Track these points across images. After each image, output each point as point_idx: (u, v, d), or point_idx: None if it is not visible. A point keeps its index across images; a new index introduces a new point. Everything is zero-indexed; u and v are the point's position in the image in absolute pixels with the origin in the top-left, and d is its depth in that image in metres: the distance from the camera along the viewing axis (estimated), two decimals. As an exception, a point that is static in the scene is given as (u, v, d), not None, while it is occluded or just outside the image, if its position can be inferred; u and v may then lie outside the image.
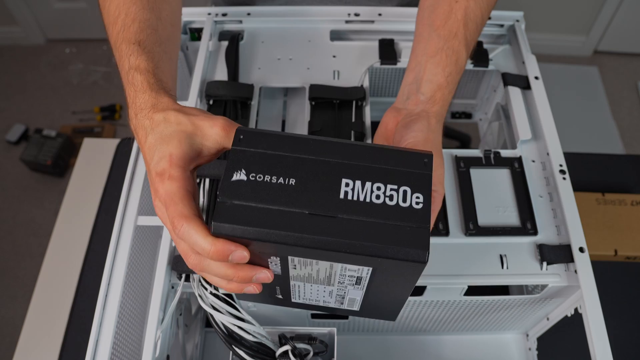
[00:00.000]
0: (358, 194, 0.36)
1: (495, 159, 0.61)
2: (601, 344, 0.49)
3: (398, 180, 0.36)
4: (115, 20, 0.49)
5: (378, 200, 0.36)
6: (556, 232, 0.56)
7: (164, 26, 0.51)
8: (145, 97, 0.43)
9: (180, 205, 0.38)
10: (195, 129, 0.40)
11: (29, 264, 1.71)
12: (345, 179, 0.36)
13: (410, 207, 0.36)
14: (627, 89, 2.13)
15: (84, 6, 2.17)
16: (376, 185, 0.36)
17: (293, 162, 0.36)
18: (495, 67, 0.70)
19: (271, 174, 0.36)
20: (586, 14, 2.08)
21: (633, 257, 0.90)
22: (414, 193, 0.36)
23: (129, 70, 0.45)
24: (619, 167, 1.00)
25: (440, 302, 0.59)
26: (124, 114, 2.09)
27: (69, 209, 0.96)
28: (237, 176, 0.36)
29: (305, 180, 0.36)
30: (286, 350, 0.52)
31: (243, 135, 0.37)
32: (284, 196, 0.35)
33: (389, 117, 0.50)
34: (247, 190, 0.36)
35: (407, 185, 0.36)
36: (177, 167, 0.39)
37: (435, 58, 0.51)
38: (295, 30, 0.73)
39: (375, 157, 0.37)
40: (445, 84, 0.50)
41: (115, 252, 0.54)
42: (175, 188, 0.38)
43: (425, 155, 0.37)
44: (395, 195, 0.36)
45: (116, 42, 0.49)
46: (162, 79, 0.45)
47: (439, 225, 0.56)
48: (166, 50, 0.49)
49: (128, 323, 0.54)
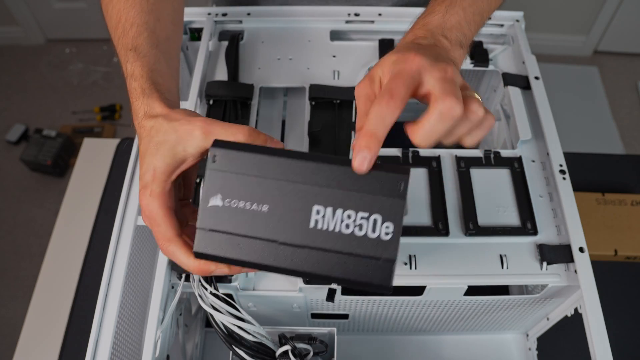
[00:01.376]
0: (328, 223, 0.37)
1: (495, 159, 0.61)
2: (601, 344, 0.49)
3: (370, 207, 0.37)
4: (117, 25, 0.51)
5: (347, 229, 0.37)
6: (556, 232, 0.56)
7: (163, 26, 0.51)
8: (138, 103, 0.45)
9: (162, 226, 0.41)
10: (177, 137, 0.41)
11: (29, 264, 1.71)
12: (317, 206, 0.37)
13: (378, 239, 0.37)
14: (627, 89, 2.13)
15: (84, 6, 2.17)
16: (347, 213, 0.37)
17: (266, 187, 0.38)
18: (495, 67, 0.70)
19: (245, 200, 0.38)
20: (586, 14, 2.08)
21: (633, 257, 0.90)
22: (384, 222, 0.37)
23: (127, 77, 0.47)
24: (619, 167, 1.00)
25: (440, 302, 0.59)
26: (124, 114, 2.09)
27: (69, 209, 0.96)
28: (213, 202, 0.39)
29: (278, 206, 0.38)
30: (286, 350, 0.52)
31: (217, 154, 0.38)
32: (257, 224, 0.38)
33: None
34: (223, 216, 0.38)
35: (379, 213, 0.36)
36: (159, 182, 0.41)
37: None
38: (295, 30, 0.73)
39: (350, 181, 0.36)
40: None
41: (115, 252, 0.54)
42: (156, 207, 0.41)
43: (401, 177, 0.36)
44: (365, 224, 0.37)
45: (117, 47, 0.50)
46: (157, 81, 0.46)
47: (439, 225, 0.56)
48: (164, 51, 0.50)
49: (128, 323, 0.54)
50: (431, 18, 0.47)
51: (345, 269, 0.37)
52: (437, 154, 0.61)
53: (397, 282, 0.53)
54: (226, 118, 0.63)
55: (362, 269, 0.37)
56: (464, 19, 0.48)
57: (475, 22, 0.49)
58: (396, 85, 0.37)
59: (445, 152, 0.62)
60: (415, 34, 0.46)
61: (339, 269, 0.37)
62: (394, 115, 0.37)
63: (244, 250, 0.39)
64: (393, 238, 0.36)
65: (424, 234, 0.55)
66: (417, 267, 0.53)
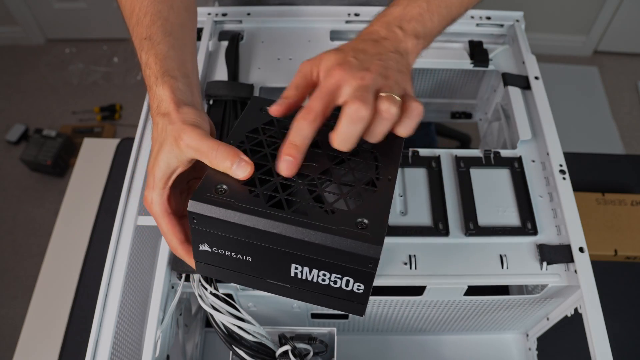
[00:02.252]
0: (306, 276, 0.41)
1: (495, 159, 0.61)
2: (601, 344, 0.49)
3: (342, 272, 0.39)
4: (131, 15, 0.52)
5: (324, 282, 0.41)
6: (556, 232, 0.56)
7: (176, 14, 0.53)
8: (151, 94, 0.47)
9: (167, 235, 0.45)
10: (170, 144, 0.43)
11: (29, 264, 1.71)
12: (294, 264, 0.40)
13: (351, 291, 0.40)
14: (627, 89, 2.13)
15: (84, 6, 2.17)
16: (322, 272, 0.40)
17: (246, 246, 0.40)
18: (495, 67, 0.70)
19: (230, 251, 0.41)
20: (586, 14, 2.08)
21: (633, 257, 0.90)
22: (356, 283, 0.40)
23: (142, 66, 0.49)
24: (619, 167, 1.00)
25: (440, 302, 0.59)
26: (124, 114, 2.09)
27: (69, 209, 0.96)
28: (202, 247, 0.42)
29: (260, 259, 0.41)
30: (286, 350, 0.52)
31: (195, 217, 0.40)
32: (244, 267, 0.42)
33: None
34: (214, 258, 0.42)
35: (351, 277, 0.40)
36: (157, 189, 0.44)
37: None
38: (295, 30, 0.73)
39: (324, 253, 0.38)
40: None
41: (115, 252, 0.54)
42: (157, 211, 0.45)
43: (371, 259, 0.38)
44: (339, 281, 0.40)
45: (133, 36, 0.52)
46: (171, 68, 0.47)
47: (439, 225, 0.56)
48: (178, 37, 0.51)
49: (128, 323, 0.54)
50: (392, 10, 0.49)
51: (325, 302, 0.43)
52: (437, 154, 0.61)
53: (397, 282, 0.53)
54: (226, 118, 0.63)
55: (338, 304, 0.42)
56: (426, 11, 0.49)
57: (440, 14, 0.50)
58: (314, 102, 0.41)
59: (445, 152, 0.62)
60: (372, 25, 0.48)
61: (320, 301, 0.43)
62: (310, 128, 0.40)
63: (237, 279, 0.44)
64: (364, 292, 0.40)
65: (424, 234, 0.55)
66: (417, 267, 0.53)
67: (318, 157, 0.44)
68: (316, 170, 0.43)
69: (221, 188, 0.40)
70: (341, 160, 0.44)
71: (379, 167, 0.43)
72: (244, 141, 0.44)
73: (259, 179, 0.41)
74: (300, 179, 0.42)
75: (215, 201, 0.39)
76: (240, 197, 0.39)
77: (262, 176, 0.41)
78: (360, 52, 0.44)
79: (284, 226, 0.38)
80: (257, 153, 0.43)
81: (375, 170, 0.43)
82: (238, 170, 0.40)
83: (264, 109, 0.47)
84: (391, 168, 0.43)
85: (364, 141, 0.43)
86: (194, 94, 0.48)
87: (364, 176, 0.43)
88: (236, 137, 0.45)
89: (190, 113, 0.44)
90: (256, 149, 0.44)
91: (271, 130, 0.45)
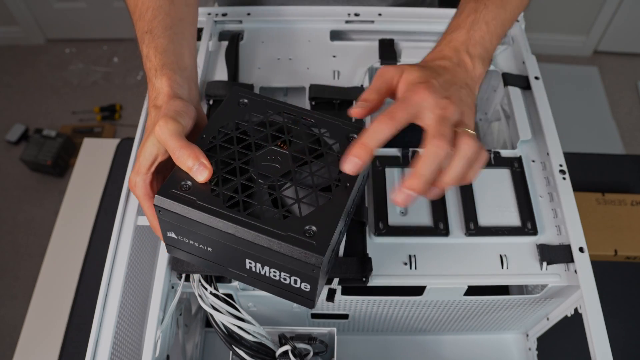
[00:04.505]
0: (259, 270, 0.44)
1: (495, 159, 0.61)
2: (601, 344, 0.49)
3: (290, 272, 0.42)
4: (134, 10, 0.55)
5: (275, 277, 0.44)
6: (556, 232, 0.56)
7: (177, 8, 0.55)
8: (150, 85, 0.49)
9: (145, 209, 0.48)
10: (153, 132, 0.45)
11: (29, 264, 1.71)
12: (248, 260, 0.43)
13: (299, 288, 0.43)
14: (627, 89, 2.13)
15: (84, 6, 2.17)
16: (273, 270, 0.43)
17: (206, 238, 0.44)
18: (495, 67, 0.70)
19: (192, 240, 0.45)
20: (586, 14, 2.08)
21: (633, 257, 0.90)
22: (302, 282, 0.43)
23: (143, 59, 0.51)
24: (619, 167, 1.00)
25: (440, 302, 0.59)
26: (123, 114, 2.09)
27: (69, 209, 0.96)
28: (169, 234, 0.45)
29: (219, 251, 0.44)
30: (286, 350, 0.52)
31: (160, 210, 0.43)
32: (206, 255, 0.46)
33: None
34: (180, 244, 0.46)
35: (298, 277, 0.42)
36: (141, 174, 0.46)
37: None
38: (295, 30, 0.73)
39: (272, 255, 0.41)
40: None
41: (115, 252, 0.54)
42: (140, 194, 0.47)
43: (314, 266, 0.40)
44: (288, 279, 0.43)
45: (136, 30, 0.54)
46: (169, 61, 0.50)
47: (439, 225, 0.56)
48: (178, 32, 0.53)
49: (128, 323, 0.54)
50: (457, 35, 0.50)
51: (278, 293, 0.46)
52: (437, 154, 0.61)
53: (397, 282, 0.53)
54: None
55: (289, 297, 0.45)
56: (487, 33, 0.51)
57: (498, 34, 0.52)
58: (398, 110, 0.42)
59: (445, 152, 0.61)
60: (441, 50, 0.49)
61: (273, 292, 0.46)
62: (389, 134, 0.41)
63: (201, 264, 0.48)
64: (311, 290, 0.43)
65: (424, 234, 0.55)
66: (417, 267, 0.53)
67: (283, 157, 0.46)
68: (278, 172, 0.45)
69: (185, 185, 0.43)
70: (304, 162, 0.46)
71: (340, 172, 0.44)
72: (216, 136, 0.46)
73: (223, 177, 0.44)
74: (262, 179, 0.44)
75: (178, 197, 0.42)
76: (201, 195, 0.42)
77: (226, 175, 0.44)
78: (440, 76, 0.45)
79: (237, 228, 0.41)
80: (226, 150, 0.46)
81: (337, 176, 0.45)
82: (197, 174, 0.43)
83: (242, 103, 0.49)
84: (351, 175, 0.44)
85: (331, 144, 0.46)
86: (191, 87, 0.51)
87: (323, 181, 0.44)
88: (210, 131, 0.47)
89: (176, 105, 0.46)
90: (226, 145, 0.46)
91: (244, 125, 0.48)
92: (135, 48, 0.56)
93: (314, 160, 0.46)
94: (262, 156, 0.46)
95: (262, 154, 0.46)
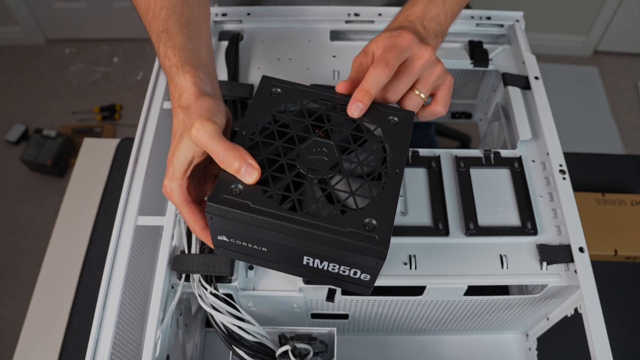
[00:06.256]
0: (317, 265, 0.44)
1: (495, 159, 0.61)
2: (601, 344, 0.49)
3: (351, 265, 0.43)
4: (147, 12, 0.53)
5: (334, 270, 0.44)
6: (556, 232, 0.56)
7: (190, 8, 0.54)
8: (173, 85, 0.48)
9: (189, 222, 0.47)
10: (188, 134, 0.44)
11: (29, 264, 1.71)
12: (306, 257, 0.43)
13: (358, 278, 0.44)
14: (627, 89, 2.13)
15: (84, 6, 2.17)
16: (332, 264, 0.43)
17: (260, 240, 0.43)
18: (495, 67, 0.70)
19: (246, 242, 0.44)
20: (586, 14, 2.08)
21: (633, 257, 0.90)
22: (362, 274, 0.43)
23: (161, 58, 0.50)
24: (619, 167, 1.00)
25: (440, 302, 0.59)
26: (123, 114, 2.09)
27: (69, 209, 0.96)
28: (220, 237, 0.45)
29: (274, 250, 0.44)
30: (286, 350, 0.52)
31: (213, 217, 0.42)
32: (259, 254, 0.45)
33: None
34: (231, 246, 0.45)
35: (358, 269, 0.43)
36: (176, 180, 0.45)
37: None
38: (295, 30, 0.73)
39: (334, 251, 0.41)
40: None
41: (115, 252, 0.54)
42: (178, 201, 0.46)
43: (378, 259, 0.41)
44: (348, 271, 0.44)
45: (150, 31, 0.53)
46: (189, 58, 0.48)
47: (439, 225, 0.56)
48: (194, 30, 0.52)
49: (128, 323, 0.54)
50: (414, 9, 0.54)
51: (334, 284, 0.48)
52: (437, 154, 0.61)
53: (397, 282, 0.53)
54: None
55: (346, 286, 0.46)
56: (442, 10, 0.54)
57: (453, 11, 0.56)
58: (391, 55, 0.47)
59: (445, 152, 0.62)
60: (399, 22, 0.53)
61: (329, 283, 0.48)
62: (385, 79, 0.46)
63: (253, 262, 0.48)
64: (371, 280, 0.44)
65: (424, 234, 0.55)
66: (417, 267, 0.53)
67: (328, 148, 0.45)
68: (327, 165, 0.44)
69: (236, 189, 0.41)
70: (350, 151, 0.45)
71: (387, 158, 0.45)
72: (255, 132, 0.45)
73: (272, 176, 0.42)
74: (311, 173, 0.43)
75: (231, 203, 0.41)
76: (254, 198, 0.41)
77: (275, 173, 0.43)
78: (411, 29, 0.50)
79: (297, 229, 0.40)
80: (269, 146, 0.44)
81: (383, 164, 0.44)
82: (245, 175, 0.41)
83: (274, 92, 0.48)
84: (399, 160, 0.45)
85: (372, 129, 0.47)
86: (214, 83, 0.49)
87: (372, 170, 0.44)
88: (248, 127, 0.45)
89: (207, 104, 0.44)
90: (268, 141, 0.44)
91: (283, 117, 0.47)
92: (135, 48, 0.55)
93: (359, 148, 0.45)
94: (306, 149, 0.45)
95: (306, 147, 0.45)
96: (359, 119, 0.47)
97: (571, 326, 0.59)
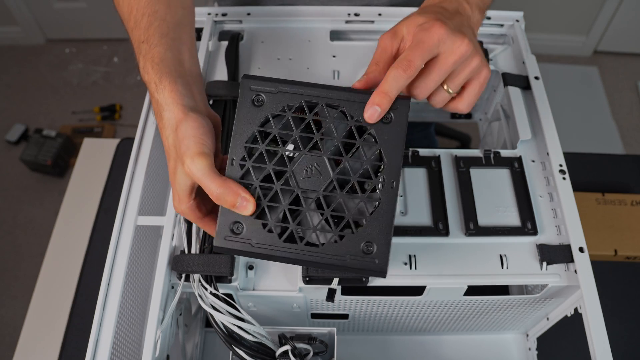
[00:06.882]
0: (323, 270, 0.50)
1: (495, 159, 0.61)
2: (601, 344, 0.49)
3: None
4: (129, 17, 0.52)
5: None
6: (556, 232, 0.56)
7: (173, 12, 0.53)
8: (154, 102, 0.48)
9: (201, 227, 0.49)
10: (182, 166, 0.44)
11: (29, 264, 1.71)
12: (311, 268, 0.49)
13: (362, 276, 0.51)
14: (627, 89, 2.13)
15: (84, 6, 2.17)
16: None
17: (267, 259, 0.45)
18: (495, 67, 0.70)
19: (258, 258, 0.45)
20: (586, 14, 2.08)
21: (633, 257, 0.90)
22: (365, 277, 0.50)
23: (141, 70, 0.50)
24: (619, 167, 1.00)
25: (440, 302, 0.59)
26: (123, 114, 2.09)
27: (69, 209, 0.96)
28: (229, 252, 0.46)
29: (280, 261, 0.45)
30: (286, 350, 0.52)
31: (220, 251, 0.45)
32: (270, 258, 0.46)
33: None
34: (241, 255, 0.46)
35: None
36: (184, 203, 0.46)
37: None
38: (295, 30, 0.73)
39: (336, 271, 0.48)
40: None
41: (115, 252, 0.54)
42: (192, 219, 0.47)
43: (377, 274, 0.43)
44: None
45: (131, 39, 0.52)
46: (168, 70, 0.47)
47: (439, 225, 0.56)
48: (175, 37, 0.51)
49: (128, 323, 0.54)
50: None
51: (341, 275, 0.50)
52: (437, 154, 0.61)
53: (397, 282, 0.53)
54: (226, 118, 0.63)
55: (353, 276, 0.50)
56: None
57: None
58: (415, 56, 0.42)
59: (445, 152, 0.62)
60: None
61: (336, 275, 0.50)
62: (407, 81, 0.42)
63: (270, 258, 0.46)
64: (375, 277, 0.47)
65: (424, 234, 0.55)
66: (417, 267, 0.53)
67: (320, 162, 0.44)
68: (321, 183, 0.44)
69: (237, 228, 0.44)
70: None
71: (383, 168, 0.44)
72: (245, 157, 0.44)
73: (268, 206, 0.44)
74: (307, 195, 0.44)
75: (234, 242, 0.44)
76: (255, 234, 0.43)
77: (271, 203, 0.44)
78: (448, 18, 0.46)
79: (299, 260, 0.43)
80: (261, 170, 0.44)
81: (378, 176, 0.43)
82: (241, 209, 0.43)
83: (257, 101, 0.46)
84: (394, 168, 0.43)
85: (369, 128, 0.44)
86: (194, 92, 0.48)
87: (367, 184, 0.44)
88: (236, 151, 0.44)
89: (192, 128, 0.44)
90: (259, 166, 0.44)
91: (269, 131, 0.45)
92: (135, 48, 0.55)
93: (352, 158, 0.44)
94: (299, 167, 0.44)
95: (298, 165, 0.44)
96: (350, 122, 0.44)
97: (571, 326, 0.59)
